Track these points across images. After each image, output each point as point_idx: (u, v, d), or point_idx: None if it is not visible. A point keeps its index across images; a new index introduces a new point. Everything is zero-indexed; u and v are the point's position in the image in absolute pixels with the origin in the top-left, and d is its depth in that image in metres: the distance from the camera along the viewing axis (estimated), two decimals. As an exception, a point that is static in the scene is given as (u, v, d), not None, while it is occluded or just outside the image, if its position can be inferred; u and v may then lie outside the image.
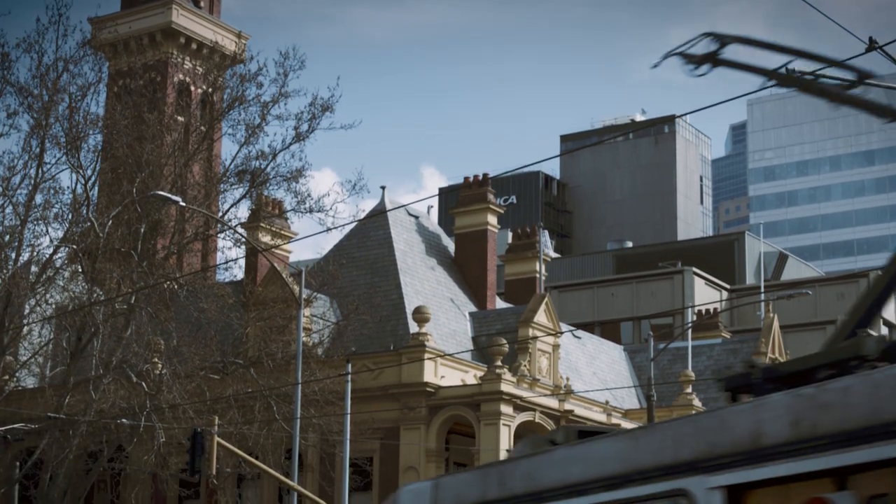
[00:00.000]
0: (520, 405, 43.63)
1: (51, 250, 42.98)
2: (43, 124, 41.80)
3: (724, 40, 10.10)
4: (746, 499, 7.62)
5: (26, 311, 42.91)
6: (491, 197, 54.51)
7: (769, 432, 7.50)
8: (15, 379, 44.52)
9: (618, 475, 8.53)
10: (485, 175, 55.12)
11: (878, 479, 6.86)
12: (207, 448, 33.52)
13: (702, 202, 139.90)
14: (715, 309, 68.49)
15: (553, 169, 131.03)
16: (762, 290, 70.18)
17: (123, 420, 40.10)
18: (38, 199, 42.21)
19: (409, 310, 47.24)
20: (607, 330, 78.35)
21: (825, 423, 7.17)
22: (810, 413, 7.29)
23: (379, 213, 51.86)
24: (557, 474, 9.14)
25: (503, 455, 42.66)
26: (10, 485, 45.28)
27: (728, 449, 7.75)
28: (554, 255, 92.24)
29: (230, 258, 48.19)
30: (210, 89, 50.14)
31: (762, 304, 65.30)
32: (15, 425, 41.39)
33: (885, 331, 76.01)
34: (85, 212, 42.53)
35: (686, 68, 10.23)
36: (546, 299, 49.96)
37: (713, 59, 10.22)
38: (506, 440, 42.88)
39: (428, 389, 43.95)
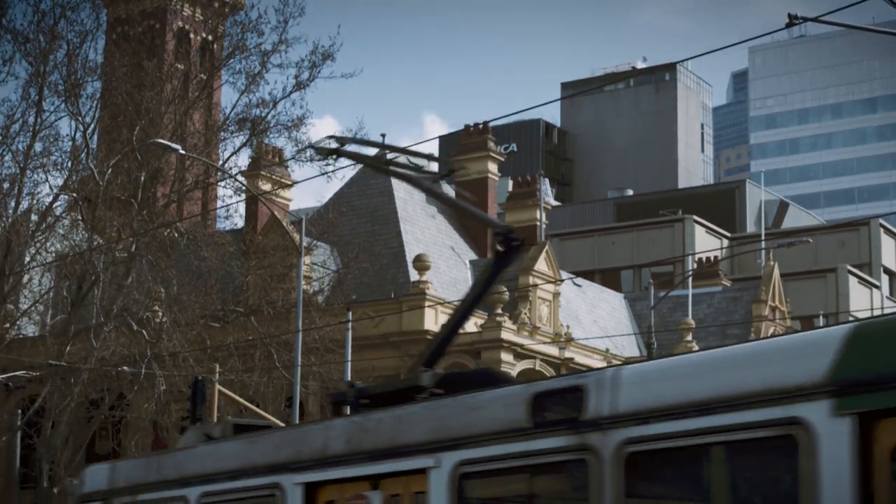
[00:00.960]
0: (520, 353, 43.71)
1: (50, 198, 42.94)
2: (41, 72, 41.62)
3: (342, 141, 13.62)
4: (318, 493, 10.66)
5: (26, 260, 42.91)
6: (491, 145, 54.37)
7: (333, 446, 10.62)
8: (16, 327, 44.59)
9: (236, 469, 11.54)
10: (485, 123, 54.94)
11: (396, 484, 9.95)
12: (208, 396, 33.63)
13: (703, 150, 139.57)
14: (715, 257, 68.46)
15: (554, 117, 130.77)
16: (763, 238, 70.11)
17: (124, 368, 40.18)
18: (38, 147, 42.14)
19: (410, 258, 47.23)
20: (608, 278, 78.36)
21: (365, 442, 10.28)
22: (356, 435, 10.42)
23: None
24: (197, 465, 12.13)
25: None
26: (12, 432, 45.47)
27: (307, 455, 10.78)
28: (554, 203, 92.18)
29: (230, 206, 48.16)
30: (210, 37, 49.91)
31: (763, 252, 65.27)
32: (16, 373, 41.49)
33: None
34: (84, 160, 42.42)
35: (317, 159, 15.47)
36: (546, 247, 49.92)
37: (337, 152, 13.52)
38: (506, 388, 42.97)
39: (428, 337, 43.98)
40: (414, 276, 45.92)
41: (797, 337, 7.80)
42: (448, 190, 54.97)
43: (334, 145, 13.60)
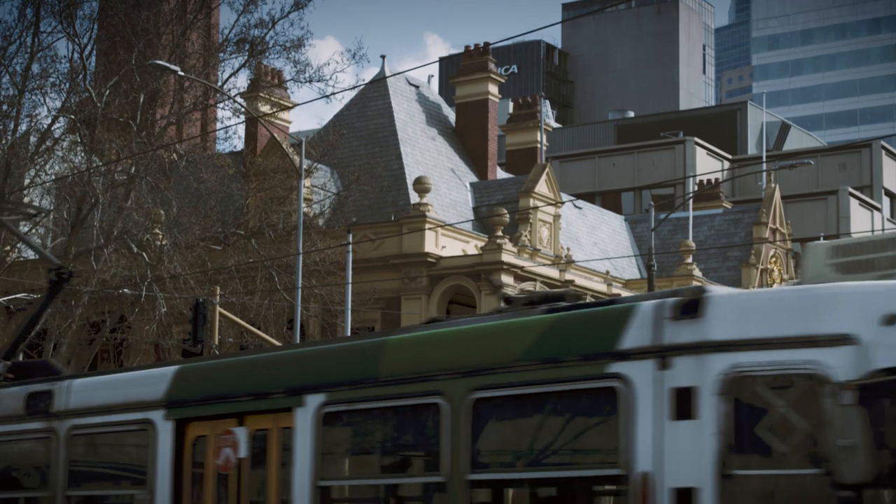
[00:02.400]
0: (521, 275, 43.72)
1: (49, 120, 42.76)
2: (37, -9, 41.27)
3: None
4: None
5: (26, 182, 42.81)
6: (492, 66, 54.07)
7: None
8: (16, 250, 44.59)
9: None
10: (485, 44, 54.59)
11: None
12: (209, 318, 33.70)
13: (704, 72, 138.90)
14: (716, 179, 68.34)
15: (555, 38, 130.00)
16: (764, 160, 69.99)
17: (125, 290, 40.23)
18: (35, 68, 41.87)
19: (410, 180, 47.11)
20: (608, 200, 78.29)
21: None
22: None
23: (379, 81, 51.49)
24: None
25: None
26: (14, 355, 45.61)
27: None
28: (555, 124, 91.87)
29: (229, 127, 47.98)
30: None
31: (764, 174, 65.17)
32: (17, 295, 41.56)
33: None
34: (82, 81, 42.18)
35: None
36: (547, 169, 49.79)
37: None
38: (506, 310, 43.02)
39: (429, 259, 44.01)
40: (414, 198, 45.84)
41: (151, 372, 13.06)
42: (448, 112, 54.77)
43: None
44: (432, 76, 64.10)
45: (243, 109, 44.60)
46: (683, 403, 8.75)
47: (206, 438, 11.92)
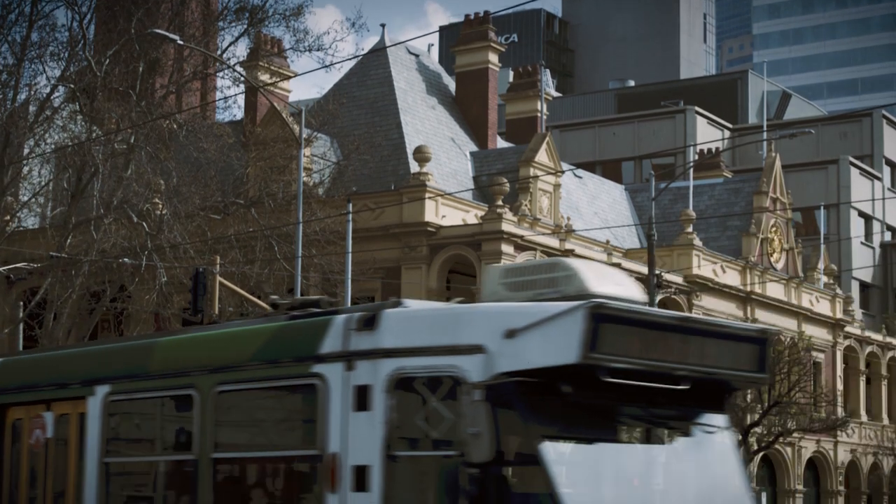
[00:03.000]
0: (521, 244, 43.72)
1: (48, 89, 42.66)
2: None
3: None
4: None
5: (25, 151, 42.76)
6: (492, 35, 53.90)
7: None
8: (16, 219, 44.58)
9: None
10: (486, 12, 54.43)
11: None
12: (209, 287, 33.67)
13: (705, 40, 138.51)
14: (717, 148, 68.29)
15: (555, 7, 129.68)
16: (764, 128, 69.92)
17: (125, 260, 40.23)
18: (34, 37, 41.75)
19: (410, 149, 47.04)
20: (608, 169, 78.23)
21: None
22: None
23: (379, 50, 51.35)
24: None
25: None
26: (15, 324, 45.66)
27: None
28: (555, 94, 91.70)
29: (229, 97, 47.89)
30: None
31: (764, 143, 65.09)
32: (17, 265, 41.57)
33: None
34: (81, 50, 42.07)
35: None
36: (547, 139, 49.71)
37: None
38: (506, 279, 42.99)
39: (429, 229, 44.00)
40: (414, 167, 45.78)
41: None
42: (449, 82, 54.65)
43: None
44: (432, 45, 63.91)
45: (243, 78, 44.49)
46: (362, 398, 10.88)
47: (22, 421, 14.22)
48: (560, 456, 10.30)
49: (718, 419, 11.39)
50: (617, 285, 11.30)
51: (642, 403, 10.81)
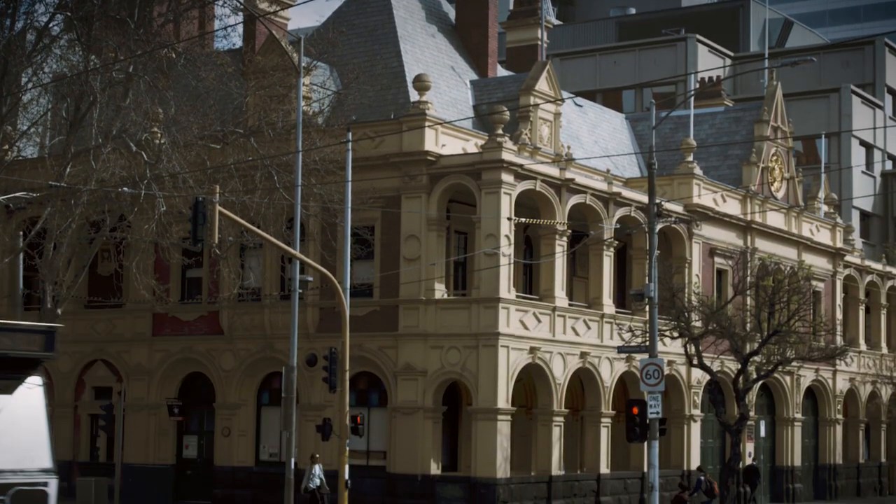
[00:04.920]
0: (521, 174, 43.64)
1: (46, 18, 42.39)
2: None
3: None
4: None
5: (24, 81, 42.57)
6: (492, -38, 53.41)
7: None
8: (15, 149, 44.48)
9: None
10: (486, -61, 53.85)
11: None
12: (209, 217, 33.60)
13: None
14: (718, 76, 67.95)
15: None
16: (766, 57, 69.51)
17: (124, 189, 40.18)
18: (31, -35, 41.43)
19: (410, 78, 46.82)
20: (609, 98, 77.95)
21: None
22: None
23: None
24: None
25: (503, 224, 42.89)
26: (15, 254, 45.69)
27: None
28: (556, 22, 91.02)
29: (228, 26, 47.59)
30: None
31: (766, 71, 64.76)
32: (16, 194, 41.53)
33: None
34: (79, -22, 41.73)
35: None
36: (548, 67, 49.47)
37: None
38: (506, 208, 43.01)
39: (429, 158, 43.89)
40: (414, 96, 45.58)
41: None
42: (448, 9, 54.27)
43: None
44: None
45: (242, 7, 44.20)
46: None
47: None
48: None
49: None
50: None
51: None
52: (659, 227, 44.67)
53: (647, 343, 42.48)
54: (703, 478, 38.62)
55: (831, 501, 60.49)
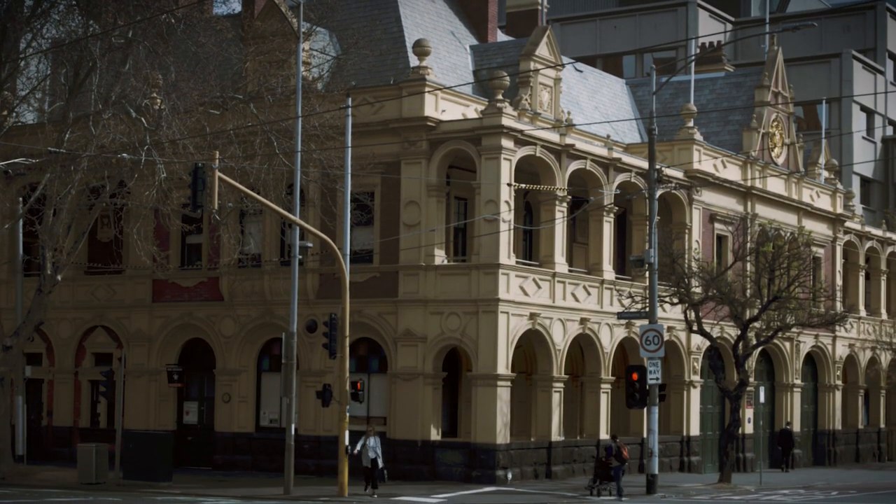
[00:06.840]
0: (521, 139, 43.57)
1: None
2: None
3: None
4: None
5: (22, 46, 42.44)
6: (492, -73, 53.16)
7: None
8: (14, 114, 44.39)
9: None
10: None
11: None
12: (209, 183, 33.58)
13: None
14: (719, 42, 67.71)
15: None
16: (767, 22, 69.22)
17: (124, 155, 40.12)
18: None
19: (409, 43, 46.67)
20: (609, 63, 77.72)
21: None
22: None
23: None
24: None
25: (503, 189, 42.85)
26: (15, 220, 45.67)
27: None
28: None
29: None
30: None
31: (766, 36, 64.52)
32: (16, 160, 41.47)
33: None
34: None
35: None
36: (548, 32, 49.30)
37: None
38: (506, 174, 42.95)
39: (429, 124, 43.80)
40: (414, 61, 45.46)
41: None
42: (448, -26, 53.98)
43: None
44: (432, -63, 63.05)
45: (240, -28, 44.00)
46: None
47: None
48: None
49: None
50: None
51: None
52: (659, 192, 44.63)
53: (647, 309, 42.52)
54: (613, 445, 40.21)
55: (830, 467, 60.67)
